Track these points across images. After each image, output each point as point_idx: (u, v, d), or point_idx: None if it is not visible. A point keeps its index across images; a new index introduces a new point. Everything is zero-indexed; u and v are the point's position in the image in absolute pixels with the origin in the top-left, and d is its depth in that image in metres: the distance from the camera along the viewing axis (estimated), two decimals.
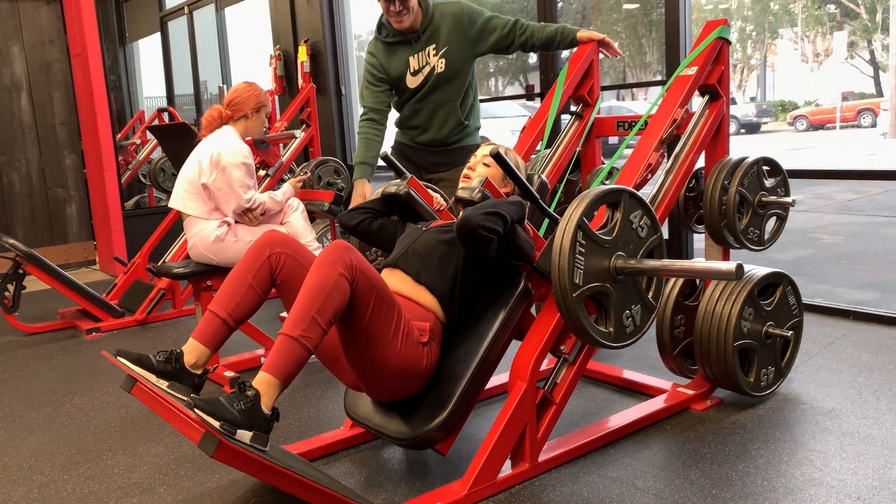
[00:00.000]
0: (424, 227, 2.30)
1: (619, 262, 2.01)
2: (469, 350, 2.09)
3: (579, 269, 1.94)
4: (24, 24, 5.86)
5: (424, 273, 2.14)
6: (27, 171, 5.95)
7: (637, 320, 2.08)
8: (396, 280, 2.17)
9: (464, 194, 2.14)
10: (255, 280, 2.04)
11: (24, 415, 2.86)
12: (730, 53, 2.61)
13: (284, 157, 4.55)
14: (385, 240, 2.42)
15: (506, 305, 2.14)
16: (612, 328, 2.03)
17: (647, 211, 2.10)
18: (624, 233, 2.04)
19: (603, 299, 2.02)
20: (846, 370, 2.81)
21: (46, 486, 2.25)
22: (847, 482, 2.00)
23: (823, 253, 5.83)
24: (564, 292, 1.93)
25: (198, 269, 3.16)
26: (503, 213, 1.96)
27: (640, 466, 2.16)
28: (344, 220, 2.45)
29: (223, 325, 2.02)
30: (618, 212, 2.04)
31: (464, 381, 2.04)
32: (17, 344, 3.93)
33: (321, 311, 1.80)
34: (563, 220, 1.95)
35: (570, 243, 1.91)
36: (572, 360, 2.18)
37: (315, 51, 5.99)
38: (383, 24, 3.16)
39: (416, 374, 2.02)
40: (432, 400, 2.05)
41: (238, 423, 1.67)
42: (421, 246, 2.19)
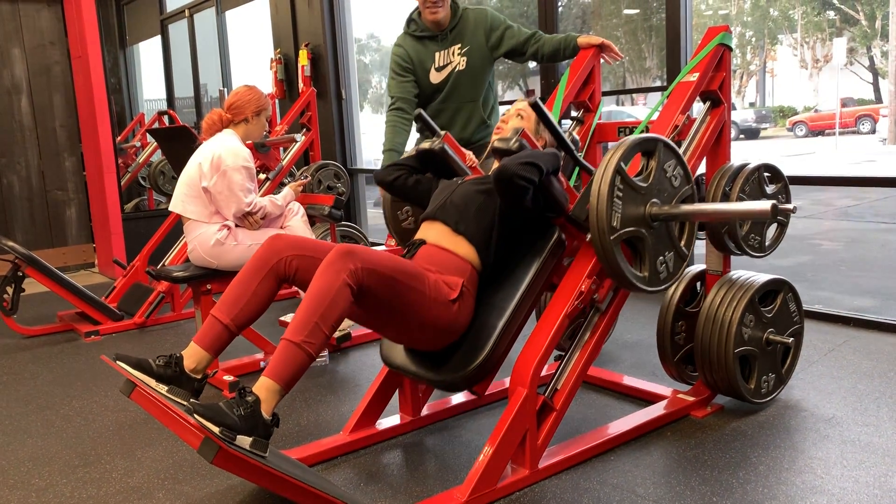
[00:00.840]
0: (460, 180, 2.35)
1: (653, 209, 2.09)
2: (505, 296, 2.16)
3: (617, 213, 2.02)
4: (24, 26, 5.87)
5: (462, 223, 2.19)
6: (27, 174, 5.94)
7: (670, 267, 2.18)
8: (435, 232, 2.22)
9: (500, 144, 2.18)
10: (260, 287, 2.04)
11: (22, 418, 2.85)
12: (730, 59, 2.61)
13: (285, 161, 4.55)
14: (420, 195, 2.47)
15: (540, 255, 2.21)
16: (647, 272, 2.12)
17: (680, 161, 2.18)
18: (658, 181, 2.13)
19: (638, 244, 2.12)
20: (847, 377, 2.81)
21: (45, 490, 2.24)
22: (848, 490, 1.99)
23: (823, 259, 5.83)
24: (602, 234, 2.00)
25: (197, 273, 3.15)
26: (539, 164, 2.01)
27: (640, 473, 2.15)
28: (380, 175, 2.51)
29: (225, 331, 2.02)
30: (653, 160, 2.12)
31: (499, 326, 2.10)
32: (16, 347, 3.92)
33: (324, 318, 1.80)
34: (601, 165, 2.02)
35: (609, 187, 1.99)
36: (604, 309, 2.22)
37: (316, 54, 6.00)
38: (413, 20, 3.35)
39: (450, 328, 2.08)
40: (469, 344, 2.11)
41: (238, 428, 1.67)
42: (458, 197, 2.25)
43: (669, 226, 2.16)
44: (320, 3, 5.91)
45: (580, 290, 2.15)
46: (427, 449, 2.40)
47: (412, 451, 2.39)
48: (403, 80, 3.31)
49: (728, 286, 2.51)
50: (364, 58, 26.20)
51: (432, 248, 2.19)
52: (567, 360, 2.21)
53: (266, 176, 4.39)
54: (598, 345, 2.23)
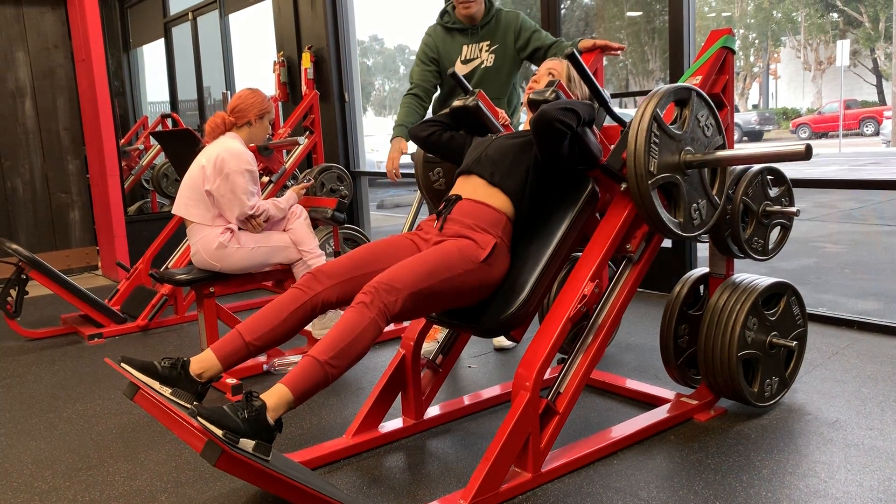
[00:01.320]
0: (494, 136, 2.41)
1: (688, 157, 2.16)
2: (541, 244, 2.22)
3: (653, 159, 2.08)
4: (28, 29, 5.88)
5: (497, 174, 2.25)
6: (31, 177, 5.96)
7: (703, 214, 2.25)
8: (471, 185, 2.29)
9: (536, 96, 2.22)
10: (292, 316, 2.07)
11: (25, 421, 2.86)
12: (734, 62, 2.61)
13: (288, 164, 4.56)
14: (454, 150, 2.54)
15: (574, 206, 2.27)
16: (682, 219, 2.19)
17: (712, 112, 2.26)
18: (692, 130, 2.20)
19: (673, 190, 2.18)
20: (851, 381, 2.80)
21: (48, 493, 2.24)
22: (852, 494, 1.99)
23: (827, 262, 5.82)
24: (640, 179, 2.07)
25: (200, 276, 3.16)
26: (577, 110, 2.07)
27: (643, 477, 2.15)
28: (415, 131, 2.59)
29: (244, 348, 2.04)
30: (686, 109, 2.18)
31: (535, 274, 2.17)
32: (19, 349, 3.92)
33: (351, 346, 1.87)
34: (638, 112, 2.08)
35: (646, 133, 2.05)
36: (637, 259, 2.27)
37: (319, 57, 6.00)
38: (447, 11, 3.44)
39: (486, 285, 2.16)
40: (506, 291, 2.17)
41: (241, 431, 1.67)
42: (493, 151, 2.31)
43: (703, 174, 2.24)
44: (323, 6, 5.92)
45: (582, 293, 2.15)
46: (430, 452, 2.40)
47: (415, 455, 2.39)
48: (426, 69, 3.41)
49: (731, 289, 2.50)
50: (367, 60, 26.23)
51: (468, 203, 2.25)
52: (570, 363, 2.21)
53: (269, 179, 4.39)
54: (601, 348, 2.23)
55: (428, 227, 2.31)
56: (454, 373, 3.14)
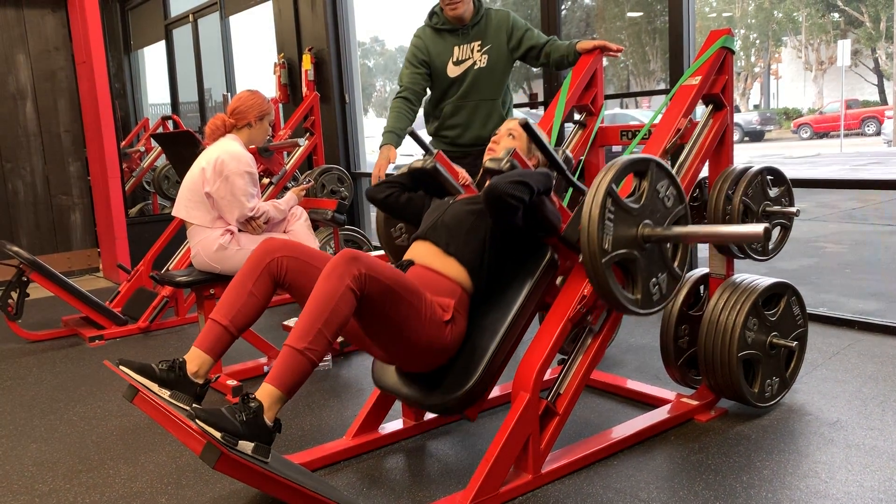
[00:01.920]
0: (451, 200, 2.34)
1: (646, 231, 2.07)
2: (496, 319, 2.14)
3: (608, 236, 1.99)
4: (29, 31, 5.89)
5: (453, 244, 2.17)
6: (32, 179, 5.96)
7: (663, 288, 2.15)
8: (425, 252, 2.19)
9: (492, 165, 2.16)
10: (256, 287, 2.05)
11: (26, 423, 2.86)
12: (733, 62, 2.61)
13: (288, 166, 4.56)
14: (412, 213, 2.46)
15: (532, 276, 2.18)
16: (640, 295, 2.09)
17: (673, 181, 2.16)
18: (651, 202, 2.10)
19: (630, 266, 2.08)
20: (851, 381, 2.80)
21: (48, 495, 2.24)
22: (853, 494, 1.98)
23: (828, 262, 5.81)
24: (594, 257, 1.98)
25: (201, 278, 3.16)
26: (530, 183, 1.99)
27: (643, 478, 2.14)
28: (372, 193, 2.49)
29: (225, 333, 2.02)
30: (645, 181, 2.09)
31: (491, 348, 2.09)
32: (20, 351, 3.93)
33: (327, 324, 1.80)
34: (592, 187, 2.00)
35: (600, 210, 1.97)
36: (598, 329, 2.21)
37: (319, 59, 6.01)
38: (435, 13, 3.36)
39: (441, 350, 2.06)
40: (461, 367, 2.10)
41: (240, 433, 1.67)
42: (449, 218, 2.23)
43: (662, 247, 2.13)
44: (323, 8, 5.92)
45: (583, 294, 2.15)
46: (430, 453, 2.40)
47: (415, 456, 2.39)
48: (416, 72, 3.33)
49: (731, 290, 2.50)
50: (368, 62, 26.24)
51: (422, 269, 2.16)
52: (570, 364, 2.21)
53: (269, 181, 4.40)
54: (602, 349, 2.23)
55: None
56: None
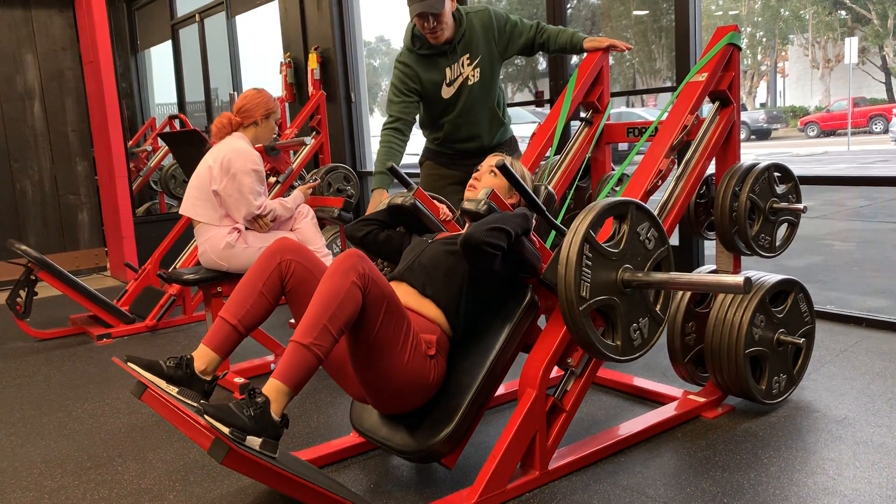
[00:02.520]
0: (430, 239, 2.30)
1: (626, 275, 2.00)
2: (475, 363, 2.08)
3: (586, 283, 1.92)
4: (37, 32, 5.92)
5: (430, 286, 2.13)
6: (39, 178, 5.99)
7: (645, 333, 2.07)
8: (402, 293, 2.14)
9: (470, 206, 2.11)
10: (266, 287, 2.05)
11: (34, 420, 2.87)
12: (740, 59, 2.60)
13: (295, 164, 4.56)
14: (392, 251, 2.42)
15: (512, 318, 2.13)
16: (620, 341, 2.02)
17: (654, 223, 2.08)
18: (631, 245, 2.02)
19: (610, 312, 2.00)
20: (859, 378, 2.79)
21: (57, 491, 2.25)
22: (861, 491, 1.98)
23: (835, 260, 5.79)
24: (571, 305, 1.91)
25: (208, 276, 3.17)
26: (507, 228, 1.95)
27: (650, 474, 2.14)
28: (350, 231, 2.45)
29: (233, 332, 2.03)
30: (625, 224, 2.02)
31: (469, 394, 2.03)
32: (29, 350, 3.95)
33: (333, 320, 1.79)
34: (570, 232, 1.94)
35: (577, 256, 1.90)
36: (579, 373, 2.16)
37: (325, 58, 6.02)
38: (416, 36, 3.11)
39: (423, 387, 2.01)
40: (438, 413, 2.04)
41: (248, 429, 1.67)
42: (426, 258, 2.18)
43: (644, 291, 2.06)
44: (329, 7, 5.93)
45: None
46: None
47: None
48: (407, 102, 3.12)
49: None
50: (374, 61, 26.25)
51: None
52: (570, 373, 2.18)
53: (276, 179, 4.41)
54: None
55: None
56: None
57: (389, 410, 2.10)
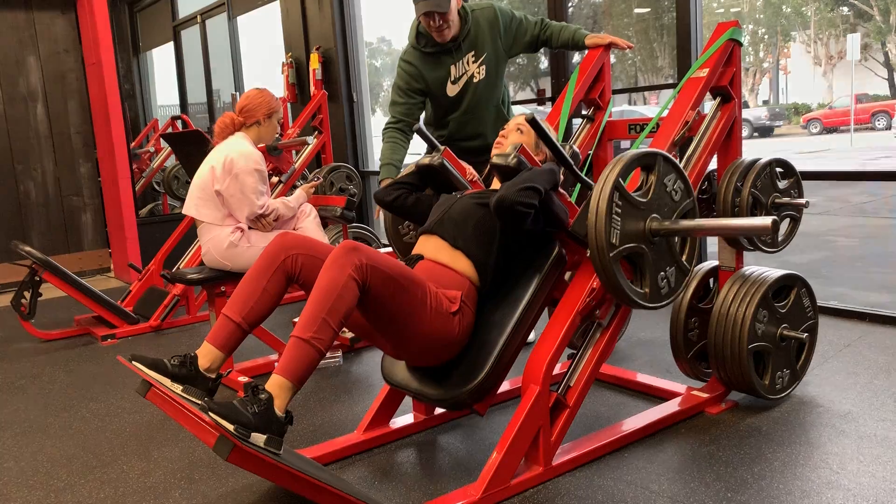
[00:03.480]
0: (459, 194, 2.34)
1: (653, 224, 2.06)
2: (504, 314, 2.14)
3: (615, 230, 1.99)
4: (39, 34, 5.93)
5: (461, 238, 2.18)
6: (43, 180, 6.00)
7: (671, 282, 2.14)
8: (433, 246, 2.20)
9: (499, 160, 2.16)
10: (270, 284, 2.06)
11: (40, 420, 2.88)
12: (742, 57, 2.60)
13: (297, 164, 4.58)
14: (420, 214, 2.46)
15: (540, 271, 2.19)
16: (648, 289, 2.08)
17: (680, 175, 2.15)
18: (658, 196, 2.10)
19: (638, 261, 2.08)
20: (863, 373, 2.79)
21: (63, 490, 2.26)
22: (864, 485, 1.98)
23: (838, 256, 5.79)
24: (601, 252, 1.97)
25: (212, 275, 3.18)
26: (537, 186, 2.01)
27: (654, 469, 2.15)
28: (380, 195, 2.51)
29: (237, 329, 2.03)
30: (652, 174, 2.09)
31: (499, 344, 2.09)
32: (34, 350, 3.96)
33: (331, 313, 1.81)
34: (599, 181, 1.99)
35: (607, 204, 1.96)
36: (606, 324, 2.21)
37: (327, 58, 6.03)
38: (421, 34, 3.10)
39: (449, 343, 2.07)
40: (469, 363, 2.11)
41: (252, 426, 1.68)
42: (457, 212, 2.23)
43: (670, 240, 2.12)
44: (331, 7, 5.94)
45: (591, 286, 2.15)
46: (440, 447, 2.41)
47: (426, 450, 2.39)
48: (411, 102, 3.12)
49: (741, 282, 2.50)
50: (375, 62, 26.26)
51: (430, 263, 2.18)
52: (580, 356, 2.21)
53: (279, 179, 4.41)
54: (612, 342, 2.23)
55: None
56: None
57: (421, 364, 2.16)
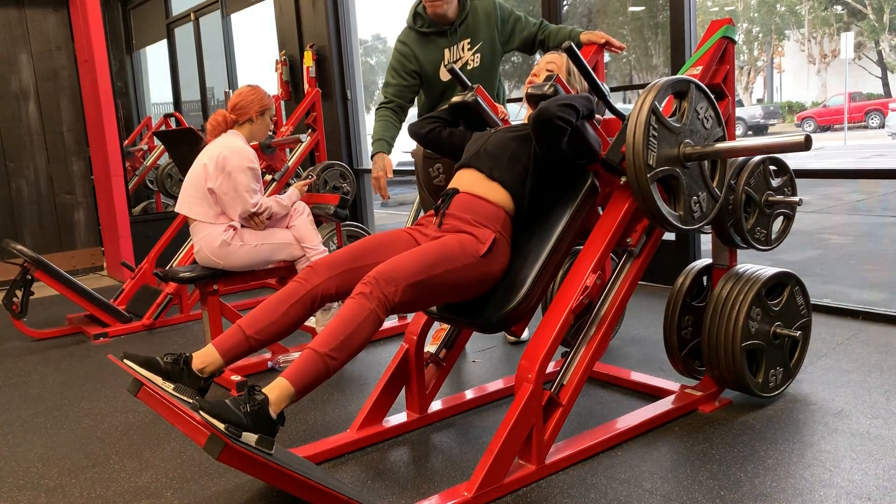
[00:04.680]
0: (493, 130, 2.40)
1: (687, 149, 2.14)
2: (541, 239, 2.22)
3: (652, 152, 2.06)
4: (31, 31, 5.90)
5: (497, 169, 2.24)
6: (35, 178, 5.98)
7: (703, 207, 2.23)
8: (469, 179, 2.27)
9: (534, 90, 2.23)
10: (292, 309, 2.05)
11: (31, 419, 2.87)
12: (736, 55, 2.60)
13: (290, 162, 4.56)
14: (455, 147, 2.52)
15: (573, 201, 2.26)
16: (682, 211, 2.17)
17: (711, 103, 2.24)
18: (691, 122, 2.17)
19: (673, 184, 2.16)
20: (856, 371, 2.79)
21: (53, 490, 2.25)
22: (857, 483, 1.98)
23: (832, 254, 5.80)
24: (639, 172, 2.05)
25: (204, 274, 3.16)
26: (576, 105, 2.08)
27: (647, 468, 2.14)
28: (415, 128, 2.57)
29: (244, 342, 2.03)
30: (685, 101, 2.16)
31: (535, 269, 2.16)
32: (25, 349, 3.94)
33: (351, 337, 1.86)
34: (636, 105, 2.07)
35: (644, 127, 2.03)
36: (638, 252, 2.27)
37: (321, 56, 6.01)
38: (419, 14, 3.13)
39: (485, 280, 2.14)
40: (506, 287, 2.17)
41: (243, 425, 1.67)
42: (492, 145, 2.29)
43: (702, 166, 2.22)
44: (325, 5, 5.92)
45: (584, 285, 2.15)
46: (434, 446, 2.40)
47: (419, 449, 2.39)
48: (403, 83, 3.14)
49: (734, 280, 2.50)
50: (370, 59, 26.22)
51: (466, 196, 2.24)
52: (573, 354, 2.21)
53: (272, 177, 4.40)
54: (605, 339, 2.23)
55: (427, 222, 2.30)
56: (458, 367, 3.14)
57: (468, 298, 2.20)
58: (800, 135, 1.96)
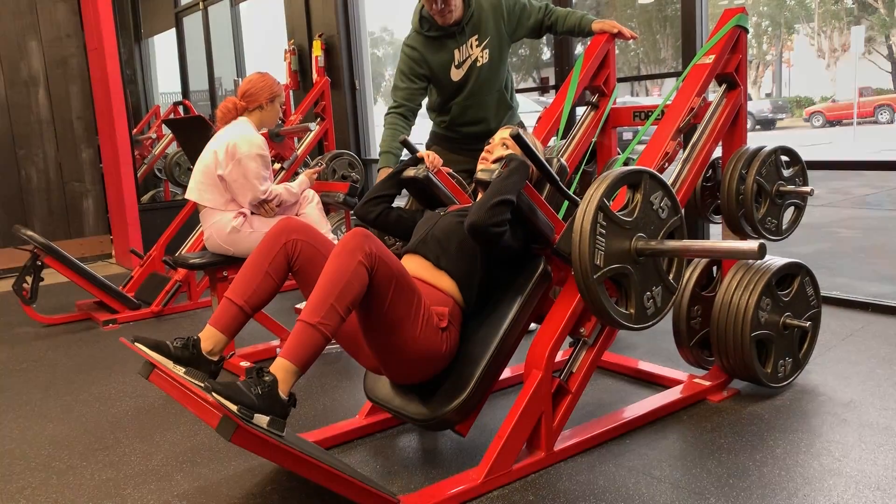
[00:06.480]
0: (442, 211, 2.32)
1: (639, 244, 2.00)
2: (488, 333, 2.10)
3: (600, 251, 1.93)
4: (41, 19, 5.91)
5: (444, 258, 2.15)
6: (45, 166, 6.00)
7: (658, 302, 2.08)
8: (416, 265, 2.17)
9: (483, 177, 2.14)
10: (272, 267, 2.05)
11: (42, 404, 2.89)
12: (747, 42, 2.59)
13: (299, 151, 4.57)
14: (403, 230, 2.43)
15: (524, 289, 2.15)
16: (633, 309, 2.02)
17: (667, 192, 2.09)
18: (644, 214, 2.03)
19: (624, 281, 2.01)
20: (865, 362, 2.78)
21: (65, 472, 2.27)
22: (866, 472, 1.98)
23: (842, 247, 5.78)
24: (585, 274, 1.92)
25: (214, 260, 3.17)
26: (507, 197, 1.99)
27: (656, 456, 2.15)
28: (361, 212, 2.46)
29: (240, 313, 2.03)
30: (638, 193, 2.03)
31: (482, 363, 2.05)
32: (36, 335, 3.96)
33: (340, 299, 1.80)
34: (584, 201, 1.95)
35: (591, 224, 1.90)
36: (592, 342, 2.18)
37: (329, 45, 6.00)
38: (424, 18, 3.07)
39: (436, 358, 2.03)
40: (451, 382, 2.06)
41: (256, 407, 1.68)
42: (439, 231, 2.20)
43: (657, 259, 2.07)
44: None
45: None
46: (442, 432, 2.41)
47: (427, 435, 2.39)
48: (414, 88, 3.10)
49: (744, 270, 2.49)
50: (377, 51, 26.19)
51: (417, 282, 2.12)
52: (582, 343, 2.20)
53: (281, 166, 4.40)
54: (613, 330, 2.22)
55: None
56: None
57: (403, 381, 2.12)
58: (754, 243, 1.82)
